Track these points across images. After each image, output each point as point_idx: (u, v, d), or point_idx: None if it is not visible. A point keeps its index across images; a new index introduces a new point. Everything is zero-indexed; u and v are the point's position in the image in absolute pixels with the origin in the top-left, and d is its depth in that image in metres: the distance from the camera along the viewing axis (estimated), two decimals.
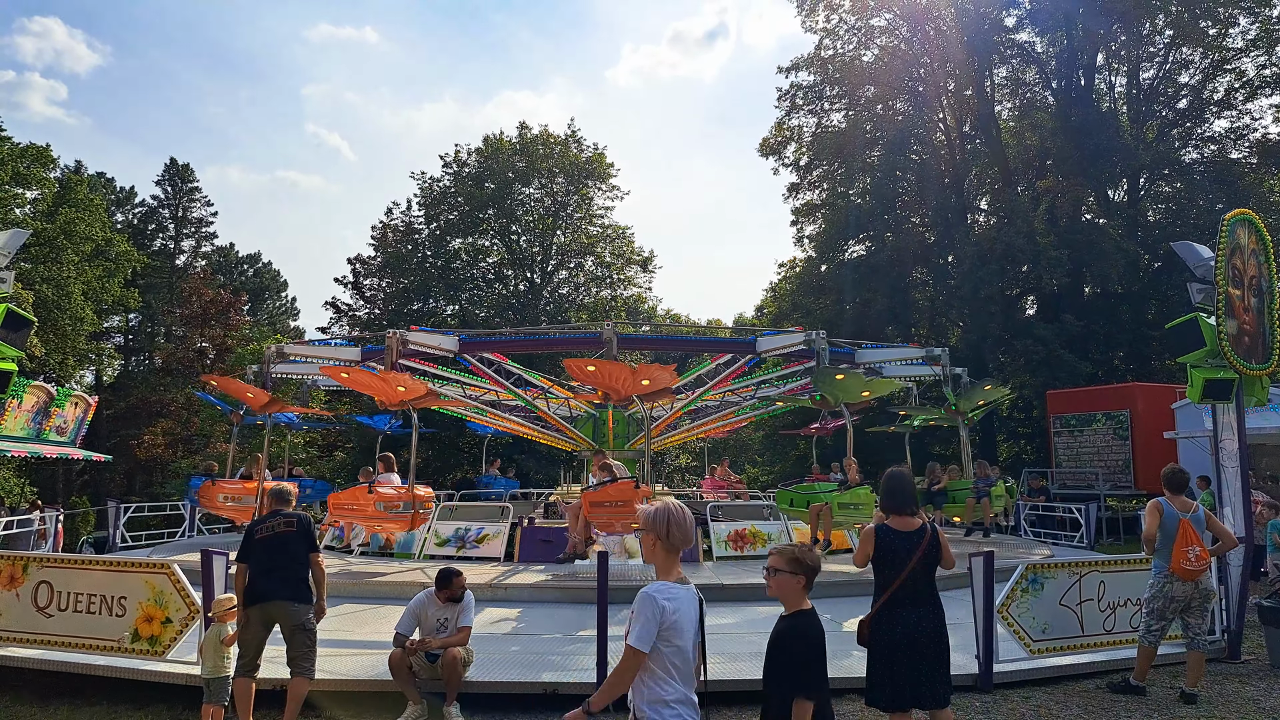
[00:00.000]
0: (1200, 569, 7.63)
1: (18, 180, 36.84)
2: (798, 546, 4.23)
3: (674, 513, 3.77)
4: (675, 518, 3.75)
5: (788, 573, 4.12)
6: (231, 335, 38.89)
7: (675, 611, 3.59)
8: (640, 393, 13.56)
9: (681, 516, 3.76)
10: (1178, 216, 32.30)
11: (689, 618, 3.66)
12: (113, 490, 39.89)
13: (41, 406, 20.17)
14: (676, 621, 3.58)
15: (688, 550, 3.71)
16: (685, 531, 3.76)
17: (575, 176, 45.65)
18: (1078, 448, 25.02)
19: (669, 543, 3.75)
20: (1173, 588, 7.71)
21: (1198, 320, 9.50)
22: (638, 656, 3.55)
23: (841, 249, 38.86)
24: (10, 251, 8.71)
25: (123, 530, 17.59)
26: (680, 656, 3.61)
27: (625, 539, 14.29)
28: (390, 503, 13.37)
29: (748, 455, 50.87)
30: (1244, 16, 31.16)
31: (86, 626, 8.05)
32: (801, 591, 4.13)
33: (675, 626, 3.58)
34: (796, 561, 4.12)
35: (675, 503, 3.85)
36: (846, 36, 37.91)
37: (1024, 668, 8.15)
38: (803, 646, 4.09)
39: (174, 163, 55.74)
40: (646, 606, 3.57)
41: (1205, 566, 7.67)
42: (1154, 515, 7.82)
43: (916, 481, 17.84)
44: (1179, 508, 7.79)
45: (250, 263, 60.05)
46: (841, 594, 12.09)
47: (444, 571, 7.55)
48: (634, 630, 3.57)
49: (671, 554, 3.77)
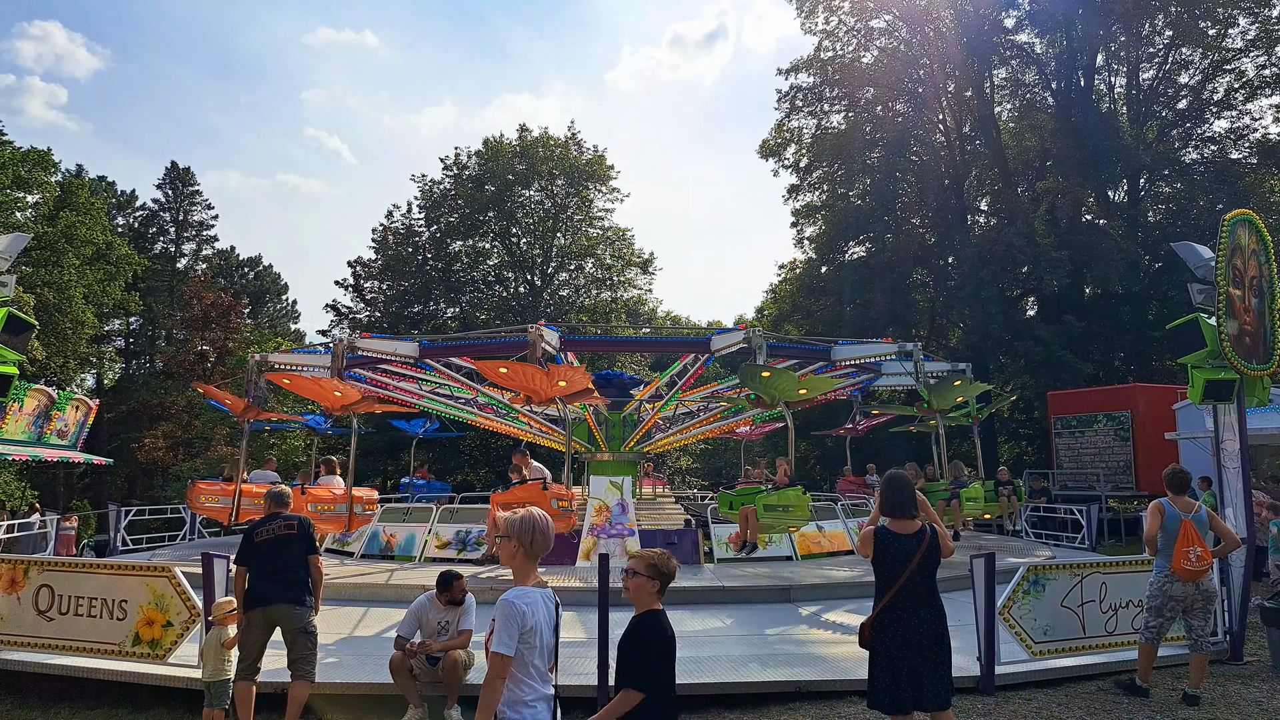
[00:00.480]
0: (1201, 569, 7.61)
1: (19, 184, 36.82)
2: (656, 553, 4.38)
3: (538, 521, 3.96)
4: (539, 526, 3.94)
5: (644, 576, 4.28)
6: (232, 338, 38.89)
7: (533, 615, 3.75)
8: (559, 394, 13.64)
9: (545, 525, 3.96)
10: (1178, 217, 32.30)
11: (546, 620, 3.84)
12: (113, 494, 39.88)
13: (42, 410, 20.18)
14: (535, 625, 3.75)
15: (689, 553, 3.78)
16: (547, 539, 3.96)
17: (575, 179, 45.67)
18: (1079, 449, 25.00)
19: (530, 549, 3.91)
20: (1172, 588, 7.71)
21: (1198, 321, 9.49)
22: (504, 661, 3.70)
23: (842, 250, 38.86)
24: (11, 255, 8.70)
25: (123, 533, 17.58)
26: (539, 657, 3.79)
27: (626, 541, 14.29)
28: (324, 504, 13.78)
29: (749, 456, 50.83)
30: (1243, 17, 31.17)
31: (87, 630, 8.05)
32: (654, 595, 4.29)
33: (534, 629, 3.75)
34: (653, 567, 4.29)
35: (539, 511, 4.05)
36: (846, 38, 37.94)
37: (1026, 669, 8.13)
38: (639, 643, 4.24)
39: (175, 166, 55.84)
40: (507, 612, 3.72)
41: (1206, 567, 7.65)
42: (1155, 515, 7.84)
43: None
44: (1181, 508, 7.78)
45: (251, 266, 60.09)
46: (842, 596, 12.11)
47: (445, 574, 7.54)
48: (496, 636, 3.71)
49: (531, 560, 3.95)
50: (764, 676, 7.89)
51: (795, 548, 15.23)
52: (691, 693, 7.58)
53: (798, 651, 8.93)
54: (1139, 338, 31.15)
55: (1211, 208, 29.23)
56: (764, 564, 14.54)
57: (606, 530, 14.69)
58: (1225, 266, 9.33)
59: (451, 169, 45.69)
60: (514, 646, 3.71)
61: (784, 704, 7.44)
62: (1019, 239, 29.08)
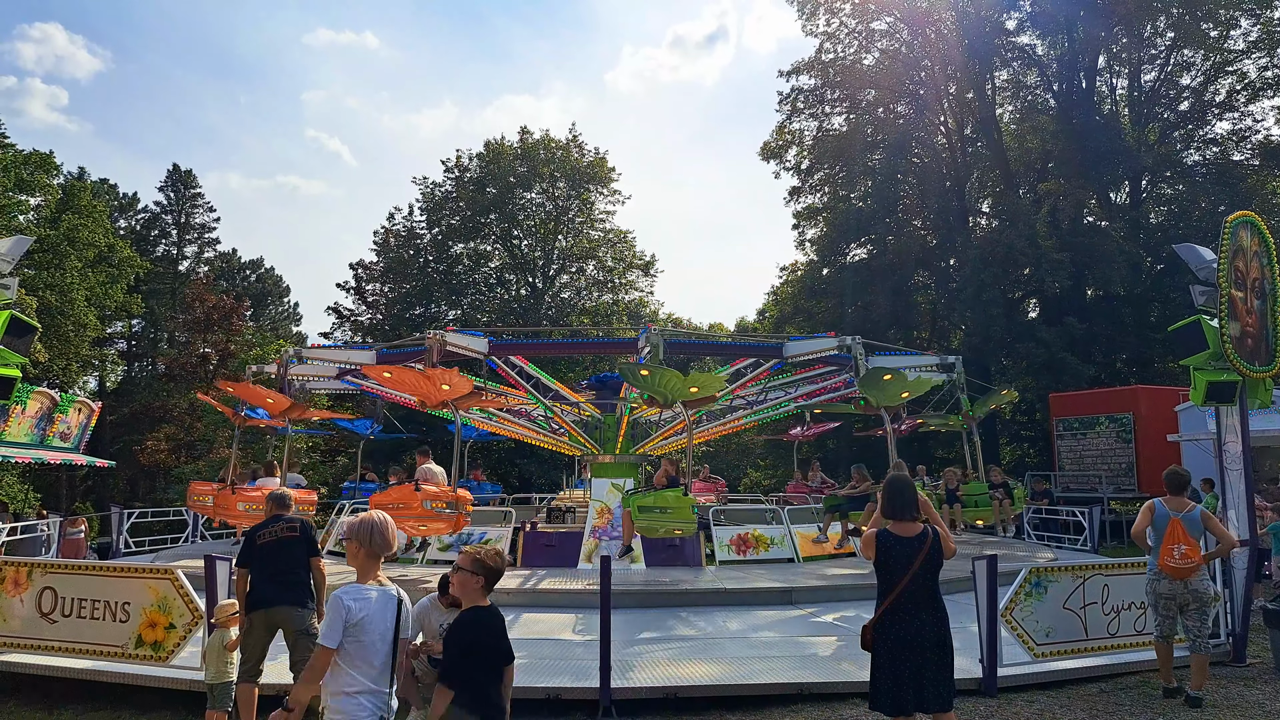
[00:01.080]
0: (1185, 567, 7.70)
1: (21, 187, 36.87)
2: (485, 550, 4.56)
3: (376, 523, 4.30)
4: (378, 528, 4.29)
5: (469, 572, 4.45)
6: (234, 341, 38.87)
7: (361, 611, 4.02)
8: (443, 398, 13.76)
9: (383, 526, 4.30)
10: (1180, 219, 32.28)
11: (379, 617, 4.08)
12: (116, 496, 39.87)
13: (45, 413, 20.20)
14: (363, 620, 4.01)
15: (691, 555, 3.83)
16: (386, 539, 4.29)
17: (576, 181, 45.66)
18: (1081, 450, 24.99)
19: (370, 549, 4.24)
20: (1160, 584, 7.86)
21: (1200, 323, 9.50)
22: (327, 653, 3.97)
23: (843, 252, 38.85)
24: (14, 258, 8.73)
25: (126, 536, 17.61)
26: (368, 651, 4.02)
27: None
28: (253, 504, 14.65)
29: (749, 459, 50.85)
30: (1245, 18, 31.16)
31: (90, 632, 8.06)
32: (479, 590, 4.47)
33: (362, 625, 4.00)
34: (478, 563, 4.47)
35: (380, 514, 4.38)
36: (847, 40, 37.95)
37: (1028, 671, 8.14)
38: (457, 639, 4.46)
39: (176, 169, 55.85)
40: (334, 607, 4.02)
41: (1192, 565, 7.70)
42: (1145, 514, 8.03)
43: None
44: (1173, 507, 7.91)
45: (253, 268, 60.13)
46: (844, 598, 12.11)
47: (447, 577, 7.54)
48: (322, 629, 4.00)
49: (372, 559, 4.27)
50: (766, 678, 7.90)
51: (797, 549, 15.23)
52: (694, 695, 7.59)
53: (799, 653, 8.93)
54: (1141, 339, 31.12)
55: (1213, 209, 29.20)
56: (765, 566, 14.56)
57: (608, 532, 14.71)
58: (1227, 268, 9.33)
59: (453, 171, 45.72)
60: (338, 639, 3.95)
61: (786, 706, 7.45)
62: (1020, 241, 29.08)
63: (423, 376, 13.93)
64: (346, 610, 3.99)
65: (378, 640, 4.05)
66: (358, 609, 4.01)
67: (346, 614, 3.98)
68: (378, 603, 4.10)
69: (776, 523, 15.84)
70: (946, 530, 5.71)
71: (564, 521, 17.63)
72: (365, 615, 4.02)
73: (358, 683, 3.98)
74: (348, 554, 4.34)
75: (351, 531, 4.30)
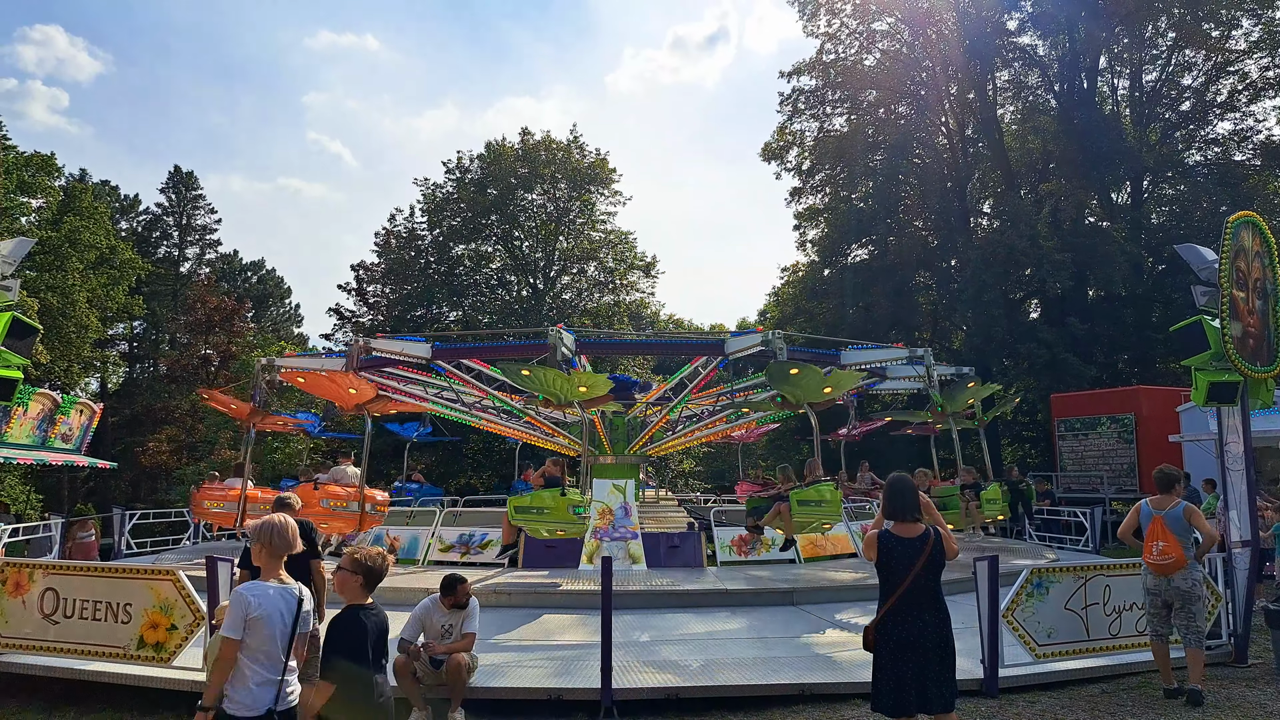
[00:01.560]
0: (1164, 563, 7.81)
1: (23, 189, 36.94)
2: (367, 551, 4.85)
3: (277, 525, 4.57)
4: (277, 529, 4.55)
5: (349, 571, 4.73)
6: (236, 342, 38.97)
7: (260, 607, 4.27)
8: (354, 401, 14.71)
9: (283, 528, 4.56)
10: (1181, 219, 32.26)
11: (278, 612, 4.33)
12: (117, 497, 39.88)
13: (47, 414, 20.21)
14: (261, 616, 4.25)
15: (692, 556, 3.86)
16: (286, 540, 4.55)
17: (578, 182, 45.66)
18: (1082, 451, 24.96)
19: (271, 549, 4.50)
20: (1146, 580, 8.05)
21: (1202, 323, 9.48)
22: (230, 644, 4.22)
23: (844, 253, 38.85)
24: (15, 260, 8.73)
25: (128, 537, 17.62)
26: (266, 644, 4.27)
27: (629, 545, 14.31)
28: (219, 503, 16.05)
29: (751, 459, 50.82)
30: (1246, 18, 31.15)
31: (92, 633, 8.06)
32: (359, 589, 4.75)
33: (261, 620, 4.25)
34: (357, 563, 4.75)
35: (281, 516, 4.66)
36: (848, 41, 37.95)
37: (1029, 672, 8.13)
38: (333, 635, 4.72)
39: (178, 170, 55.96)
40: (235, 602, 4.29)
41: (1170, 561, 7.78)
42: (1133, 514, 8.33)
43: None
44: (1157, 505, 8.08)
45: (254, 270, 60.20)
46: (846, 599, 12.11)
47: (449, 578, 7.56)
48: (225, 622, 4.25)
49: (274, 558, 4.51)
50: (768, 679, 7.89)
51: (798, 550, 15.22)
52: (695, 696, 7.59)
53: (801, 654, 8.93)
54: (1142, 340, 31.10)
55: (1215, 210, 29.18)
56: (767, 566, 14.55)
57: (609, 533, 14.70)
58: (1229, 269, 9.32)
59: (454, 172, 45.73)
60: (240, 632, 4.22)
61: (788, 707, 7.44)
62: (1022, 241, 29.07)
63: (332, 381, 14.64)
64: (247, 605, 4.25)
65: (276, 635, 4.30)
66: (257, 604, 4.26)
67: (247, 608, 4.24)
68: (278, 599, 4.36)
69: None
70: (948, 531, 5.71)
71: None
72: (264, 611, 4.27)
73: (259, 675, 4.24)
74: (253, 554, 4.59)
75: (254, 533, 4.61)
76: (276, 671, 4.29)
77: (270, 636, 4.27)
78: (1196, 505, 16.35)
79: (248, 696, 4.21)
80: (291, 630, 4.37)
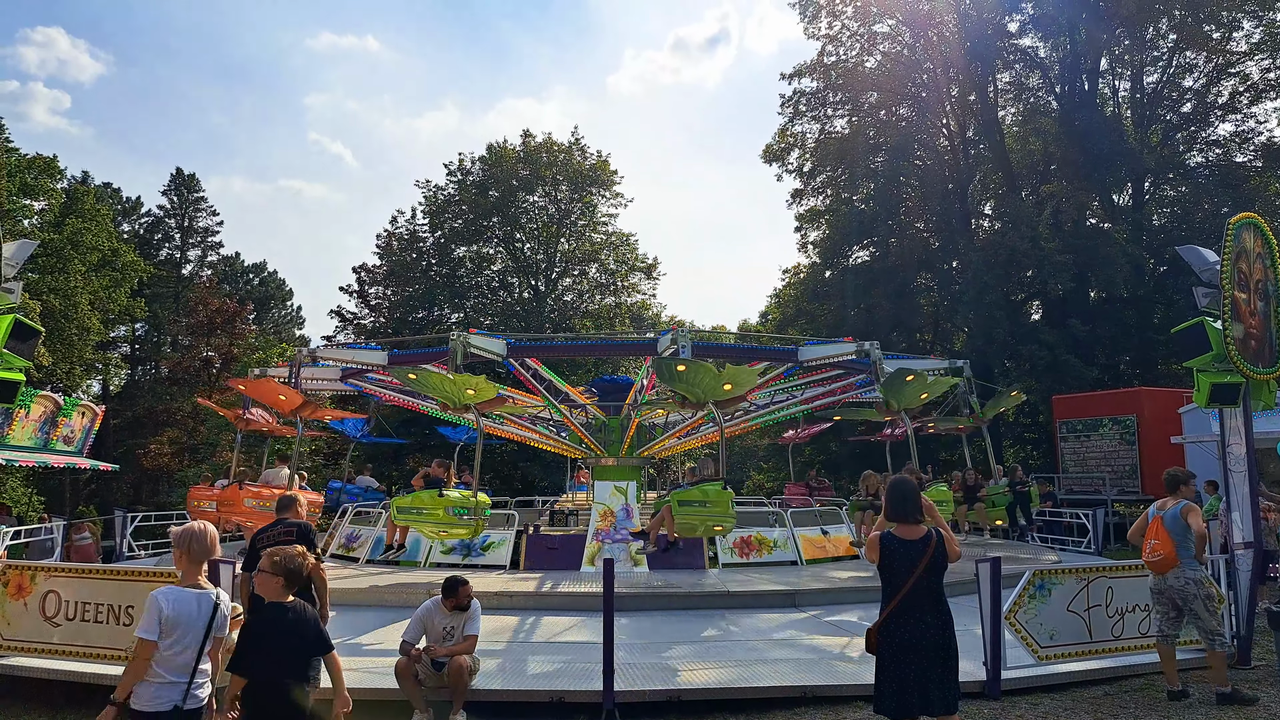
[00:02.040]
0: (1154, 560, 7.95)
1: (25, 191, 36.98)
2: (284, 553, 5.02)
3: (196, 532, 4.79)
4: (196, 535, 4.77)
5: (269, 573, 4.92)
6: (237, 344, 38.96)
7: (173, 610, 4.48)
8: (287, 407, 15.67)
9: (202, 534, 4.79)
10: (1183, 220, 32.26)
11: (190, 617, 4.54)
12: (119, 499, 39.90)
13: (49, 416, 20.22)
14: (173, 619, 4.47)
15: (694, 558, 3.85)
16: (205, 546, 4.78)
17: (579, 184, 45.67)
18: (1084, 453, 24.95)
19: (190, 554, 4.73)
20: (1149, 579, 8.18)
21: (1204, 324, 9.47)
22: (145, 645, 4.42)
23: (845, 255, 38.87)
24: (18, 262, 8.74)
25: (129, 539, 17.62)
26: (176, 646, 4.48)
27: (630, 548, 14.30)
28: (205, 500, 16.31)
29: (752, 462, 50.83)
30: (1248, 20, 31.15)
31: (94, 636, 8.05)
32: (280, 589, 4.92)
33: (172, 623, 4.46)
34: (277, 565, 4.93)
35: (201, 523, 4.90)
36: (849, 43, 37.98)
37: (1032, 674, 8.11)
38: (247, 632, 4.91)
39: (180, 173, 55.94)
40: (150, 604, 4.48)
41: (1159, 559, 7.89)
42: (1143, 516, 8.35)
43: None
44: (1159, 506, 8.14)
45: (256, 272, 60.21)
46: (848, 600, 12.10)
47: (450, 580, 7.55)
48: (141, 624, 4.48)
49: (194, 563, 4.73)
50: (769, 681, 7.88)
51: (800, 552, 15.21)
52: (697, 698, 7.58)
53: (803, 656, 8.92)
54: (1144, 341, 31.08)
55: (1216, 211, 29.18)
56: (769, 569, 14.54)
57: (611, 535, 14.70)
58: (1230, 270, 9.30)
59: (455, 174, 45.77)
60: (155, 633, 4.43)
61: (790, 709, 7.43)
62: (1023, 243, 29.06)
63: (267, 386, 15.89)
64: (160, 608, 4.46)
65: (189, 638, 4.53)
66: (170, 608, 4.48)
67: (160, 612, 4.45)
68: (193, 604, 4.59)
69: (779, 525, 15.82)
70: (951, 533, 5.69)
71: (567, 525, 17.63)
72: (178, 614, 4.50)
73: (163, 677, 4.46)
74: (174, 559, 4.80)
75: (175, 539, 4.83)
76: (186, 673, 4.52)
77: (180, 639, 4.49)
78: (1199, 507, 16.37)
79: (156, 693, 4.45)
80: (205, 634, 4.60)
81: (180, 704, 4.48)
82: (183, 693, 4.49)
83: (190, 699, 4.53)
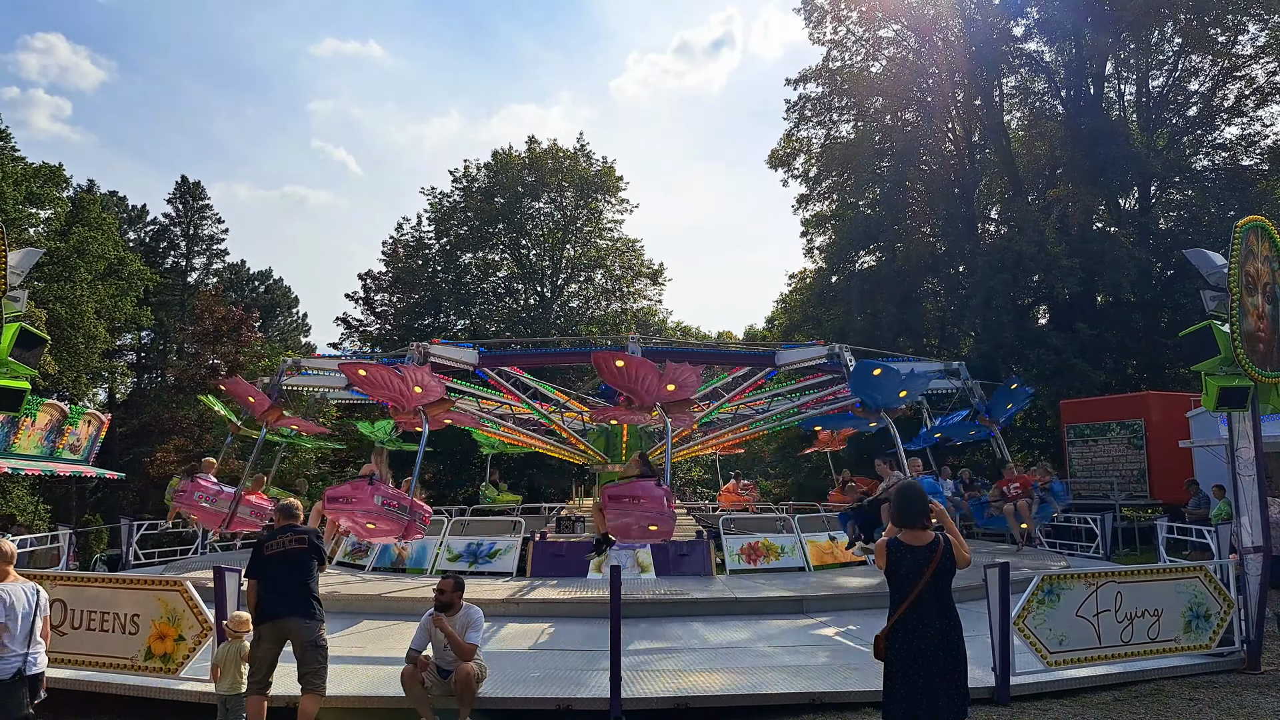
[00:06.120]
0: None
1: (31, 200, 37.11)
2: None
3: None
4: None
5: None
6: (243, 352, 39.01)
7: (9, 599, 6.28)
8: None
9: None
10: (1190, 224, 32.14)
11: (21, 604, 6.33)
12: (125, 508, 39.94)
13: (55, 425, 20.29)
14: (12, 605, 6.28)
15: (701, 564, 3.84)
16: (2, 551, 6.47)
17: (584, 190, 45.78)
18: (1092, 457, 24.85)
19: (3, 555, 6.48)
20: None
21: (1211, 328, 9.43)
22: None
23: (851, 260, 38.84)
24: (24, 270, 8.75)
25: (135, 548, 17.64)
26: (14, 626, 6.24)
27: (637, 554, 14.26)
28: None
29: (760, 468, 50.69)
30: (1253, 23, 31.06)
31: (99, 644, 8.06)
32: None
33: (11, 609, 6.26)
34: None
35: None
36: (854, 48, 38.02)
37: (1041, 680, 8.07)
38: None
39: (185, 180, 56.12)
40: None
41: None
42: None
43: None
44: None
45: (261, 279, 60.40)
46: (856, 606, 12.04)
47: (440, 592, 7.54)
48: None
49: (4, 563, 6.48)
50: (777, 688, 7.85)
51: (807, 558, 15.15)
52: (704, 705, 7.55)
53: (811, 662, 8.88)
54: (1151, 345, 30.95)
55: (1223, 214, 29.07)
56: (777, 575, 14.48)
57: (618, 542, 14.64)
58: (1238, 273, 9.27)
59: (461, 181, 45.89)
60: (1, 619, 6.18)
61: (797, 715, 7.40)
62: (1029, 247, 29.00)
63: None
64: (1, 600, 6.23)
65: (20, 620, 6.27)
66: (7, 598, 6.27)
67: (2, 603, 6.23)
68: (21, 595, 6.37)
69: (787, 532, 15.77)
70: (960, 538, 5.66)
71: (573, 531, 17.60)
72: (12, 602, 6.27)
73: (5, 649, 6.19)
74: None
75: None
76: (20, 645, 6.24)
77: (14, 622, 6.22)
78: (1206, 511, 16.28)
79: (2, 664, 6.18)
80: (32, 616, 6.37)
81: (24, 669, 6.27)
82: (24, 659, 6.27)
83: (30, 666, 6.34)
